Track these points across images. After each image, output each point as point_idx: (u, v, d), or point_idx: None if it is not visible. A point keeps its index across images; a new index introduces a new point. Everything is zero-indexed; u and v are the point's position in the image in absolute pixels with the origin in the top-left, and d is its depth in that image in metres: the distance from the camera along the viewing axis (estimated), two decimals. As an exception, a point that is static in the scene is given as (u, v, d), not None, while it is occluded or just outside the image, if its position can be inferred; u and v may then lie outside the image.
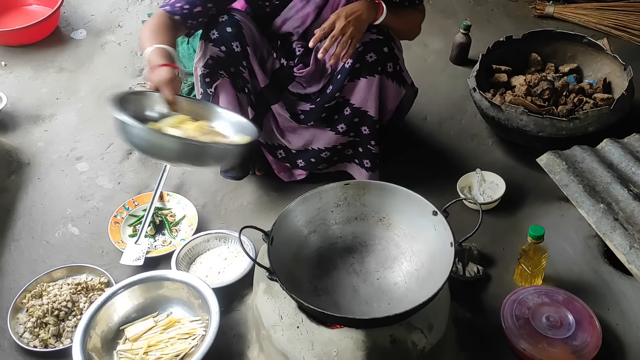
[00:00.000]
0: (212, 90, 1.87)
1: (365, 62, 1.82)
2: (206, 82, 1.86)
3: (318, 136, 1.98)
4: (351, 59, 1.82)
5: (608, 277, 1.74)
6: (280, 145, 2.04)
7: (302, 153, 2.03)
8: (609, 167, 1.84)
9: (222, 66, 1.84)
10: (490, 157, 2.24)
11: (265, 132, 2.01)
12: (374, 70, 1.84)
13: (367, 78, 1.85)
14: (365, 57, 1.82)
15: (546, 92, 2.19)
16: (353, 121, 1.93)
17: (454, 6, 2.98)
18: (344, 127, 1.94)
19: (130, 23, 2.90)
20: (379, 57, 1.82)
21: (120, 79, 2.61)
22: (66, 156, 2.28)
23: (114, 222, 1.99)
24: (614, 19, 2.76)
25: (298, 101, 1.97)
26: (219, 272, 1.85)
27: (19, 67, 2.66)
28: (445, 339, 1.55)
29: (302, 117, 1.96)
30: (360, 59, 1.82)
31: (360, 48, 1.81)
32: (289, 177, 2.11)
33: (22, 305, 1.76)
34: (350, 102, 1.91)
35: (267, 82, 1.92)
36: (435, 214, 1.54)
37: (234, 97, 1.88)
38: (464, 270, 1.80)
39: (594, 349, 1.57)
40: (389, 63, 1.85)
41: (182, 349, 1.60)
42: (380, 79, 1.85)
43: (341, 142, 1.99)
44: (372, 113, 1.90)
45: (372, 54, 1.82)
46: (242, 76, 1.88)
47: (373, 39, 1.82)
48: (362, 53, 1.82)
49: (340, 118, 1.93)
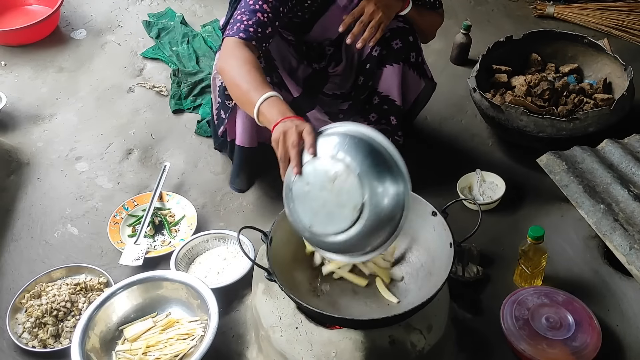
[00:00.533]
0: (231, 104, 1.82)
1: (391, 49, 1.84)
2: (226, 94, 1.81)
3: None
4: (378, 46, 1.83)
5: (608, 278, 1.73)
6: None
7: None
8: (609, 167, 1.84)
9: None
10: (490, 157, 2.24)
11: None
12: (399, 58, 1.85)
13: (392, 66, 1.86)
14: (392, 43, 1.83)
15: (546, 92, 2.19)
16: (383, 109, 1.94)
17: (455, 6, 2.98)
18: (375, 116, 1.95)
19: (130, 23, 2.90)
20: (404, 44, 1.84)
21: (120, 79, 2.61)
22: (66, 156, 2.27)
23: (113, 222, 1.99)
24: (615, 19, 2.75)
25: (334, 101, 1.97)
26: (218, 273, 1.85)
27: (18, 66, 2.66)
28: (445, 340, 1.54)
29: (341, 117, 1.96)
30: (386, 45, 1.83)
31: (387, 34, 1.82)
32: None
33: (21, 306, 1.76)
34: (377, 90, 1.92)
35: (300, 91, 1.88)
36: (434, 215, 1.53)
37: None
38: (463, 270, 1.79)
39: (593, 350, 1.57)
40: (413, 52, 1.87)
41: (181, 350, 1.60)
42: (402, 67, 1.87)
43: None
44: (397, 101, 1.92)
45: (397, 41, 1.83)
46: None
47: (400, 26, 1.83)
48: (388, 39, 1.83)
49: (371, 107, 1.95)
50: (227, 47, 1.62)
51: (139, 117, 2.43)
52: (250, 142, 1.88)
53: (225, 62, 1.59)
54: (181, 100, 2.48)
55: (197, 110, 2.45)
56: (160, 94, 2.53)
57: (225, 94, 1.83)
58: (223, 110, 1.89)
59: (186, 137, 2.35)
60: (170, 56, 2.69)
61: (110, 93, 2.54)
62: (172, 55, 2.69)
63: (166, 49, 2.73)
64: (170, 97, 2.50)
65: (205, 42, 2.78)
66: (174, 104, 2.47)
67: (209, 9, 3.01)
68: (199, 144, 2.32)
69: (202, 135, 2.34)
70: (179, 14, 2.92)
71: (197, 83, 2.53)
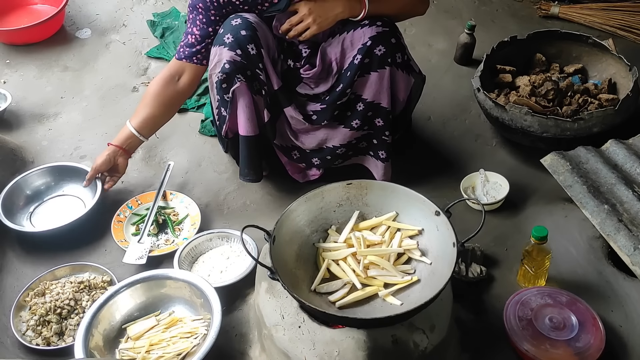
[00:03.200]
0: (229, 96, 1.85)
1: (375, 56, 1.83)
2: (223, 88, 1.84)
3: (331, 135, 1.99)
4: (360, 54, 1.83)
5: (612, 279, 1.73)
6: (295, 146, 2.04)
7: (317, 152, 2.03)
8: (614, 168, 1.83)
9: (239, 70, 1.81)
10: (494, 157, 2.23)
11: (279, 134, 2.01)
12: (384, 63, 1.85)
13: (377, 72, 1.86)
14: (374, 51, 1.83)
15: (551, 92, 2.18)
16: (367, 115, 1.94)
17: (459, 6, 2.98)
18: (358, 123, 1.95)
19: (134, 22, 2.91)
20: (387, 49, 1.83)
21: (124, 78, 2.61)
22: (70, 155, 2.28)
23: (116, 221, 2.00)
24: (620, 20, 2.74)
25: (308, 102, 1.97)
26: (221, 271, 1.85)
27: (23, 66, 2.67)
28: (447, 340, 1.54)
29: (314, 118, 1.96)
30: (369, 53, 1.83)
31: (368, 43, 1.82)
32: (304, 178, 2.11)
33: (25, 303, 1.77)
34: (362, 98, 1.91)
35: (280, 84, 1.92)
36: (438, 214, 1.53)
37: (251, 101, 1.86)
38: (466, 270, 1.79)
39: (597, 350, 1.56)
40: (398, 53, 1.86)
41: (184, 348, 1.61)
42: (390, 70, 1.86)
43: (355, 137, 1.99)
44: (385, 105, 1.91)
45: (380, 47, 1.83)
46: (259, 78, 1.85)
47: (379, 32, 1.83)
48: (370, 47, 1.82)
49: (354, 114, 1.94)
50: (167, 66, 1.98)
51: (143, 116, 2.43)
52: (254, 129, 1.90)
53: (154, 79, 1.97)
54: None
55: (201, 110, 2.45)
56: (164, 93, 2.53)
57: (222, 88, 1.84)
58: (223, 107, 1.90)
59: (190, 137, 2.35)
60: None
61: (114, 92, 2.55)
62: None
63: (170, 48, 2.73)
64: (174, 96, 2.50)
65: (210, 42, 2.78)
66: (178, 103, 2.47)
67: (213, 8, 3.01)
68: (202, 143, 2.32)
69: (206, 134, 2.35)
70: (184, 14, 2.92)
71: (201, 82, 2.53)
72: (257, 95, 1.88)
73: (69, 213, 2.00)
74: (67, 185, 2.12)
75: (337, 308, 1.48)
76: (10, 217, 1.97)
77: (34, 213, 2.05)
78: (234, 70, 1.81)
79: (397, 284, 1.51)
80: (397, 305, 1.47)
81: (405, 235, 1.58)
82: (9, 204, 2.01)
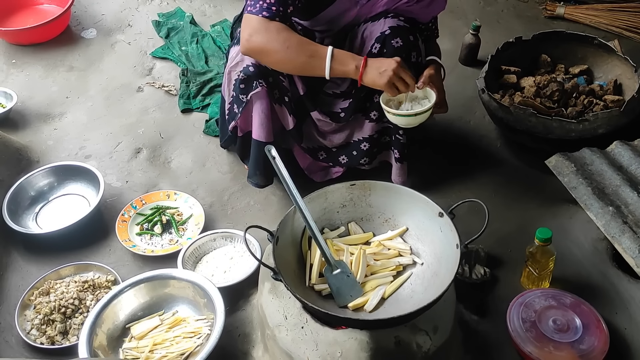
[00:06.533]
0: (246, 98, 1.81)
1: (392, 47, 1.81)
2: (241, 88, 1.80)
3: (356, 127, 1.99)
4: (378, 43, 1.81)
5: (616, 281, 1.72)
6: (321, 147, 2.04)
7: (343, 148, 2.03)
8: (619, 169, 1.83)
9: (262, 75, 1.77)
10: (499, 158, 2.23)
11: (306, 136, 2.01)
12: (399, 57, 1.83)
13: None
14: (392, 42, 1.81)
15: (556, 93, 2.17)
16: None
17: (464, 7, 2.97)
18: (376, 114, 1.94)
19: (140, 22, 2.92)
20: (404, 43, 1.82)
21: (129, 78, 2.62)
22: (75, 154, 2.29)
23: (121, 221, 2.00)
24: (626, 20, 2.73)
25: (335, 100, 1.97)
26: (224, 272, 1.85)
27: (29, 65, 2.69)
28: (450, 341, 1.54)
29: (342, 115, 1.96)
30: (386, 43, 1.81)
31: (387, 32, 1.80)
32: (323, 177, 2.10)
33: (29, 303, 1.78)
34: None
35: (305, 90, 1.90)
36: (441, 216, 1.53)
37: (267, 108, 1.83)
38: (470, 272, 1.79)
39: (601, 353, 1.56)
40: (413, 52, 1.84)
41: (187, 348, 1.61)
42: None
43: (376, 130, 1.98)
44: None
45: (398, 39, 1.81)
46: (281, 85, 1.83)
47: (400, 25, 1.81)
48: (388, 37, 1.81)
49: (372, 105, 1.94)
50: (253, 26, 1.66)
51: (147, 117, 2.44)
52: (267, 136, 1.87)
53: (267, 44, 1.66)
54: (190, 99, 2.49)
55: (206, 110, 2.46)
56: (169, 93, 2.54)
57: (240, 88, 1.80)
58: (237, 105, 1.87)
59: (194, 137, 2.36)
60: (180, 56, 2.70)
61: (119, 92, 2.56)
62: (181, 54, 2.71)
63: (175, 48, 2.74)
64: (179, 96, 2.51)
65: (215, 42, 2.79)
66: (183, 103, 2.48)
67: (218, 9, 3.02)
68: (207, 144, 2.33)
69: (210, 134, 2.35)
70: (189, 14, 2.93)
71: (206, 82, 2.54)
72: (277, 104, 1.85)
73: (74, 213, 2.01)
74: (72, 184, 2.13)
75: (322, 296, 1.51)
76: (16, 218, 1.99)
77: (40, 213, 2.06)
78: (256, 74, 1.77)
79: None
80: (398, 307, 1.47)
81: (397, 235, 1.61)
82: (14, 205, 2.02)
